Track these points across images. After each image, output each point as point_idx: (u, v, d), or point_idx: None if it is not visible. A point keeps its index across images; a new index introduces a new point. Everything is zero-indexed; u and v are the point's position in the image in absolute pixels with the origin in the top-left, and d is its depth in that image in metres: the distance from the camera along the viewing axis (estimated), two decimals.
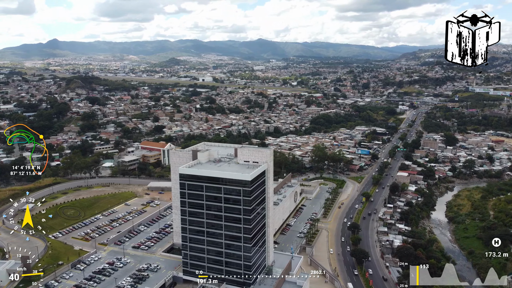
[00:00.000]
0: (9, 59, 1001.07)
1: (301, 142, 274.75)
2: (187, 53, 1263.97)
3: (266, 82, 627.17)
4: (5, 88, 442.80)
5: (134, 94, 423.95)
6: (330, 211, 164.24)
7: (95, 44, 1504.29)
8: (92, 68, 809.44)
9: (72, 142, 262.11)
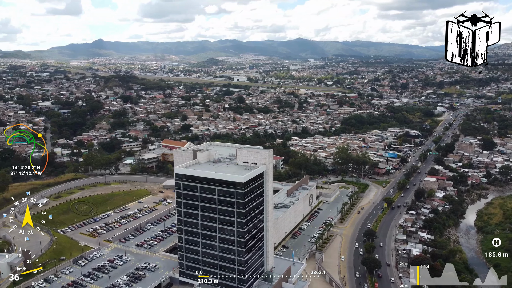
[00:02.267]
0: (56, 58, 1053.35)
1: (328, 143, 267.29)
2: (226, 53, 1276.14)
3: (301, 81, 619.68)
4: (47, 86, 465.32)
5: (167, 93, 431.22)
6: (348, 216, 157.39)
7: (138, 44, 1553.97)
8: (134, 68, 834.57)
9: (102, 139, 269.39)
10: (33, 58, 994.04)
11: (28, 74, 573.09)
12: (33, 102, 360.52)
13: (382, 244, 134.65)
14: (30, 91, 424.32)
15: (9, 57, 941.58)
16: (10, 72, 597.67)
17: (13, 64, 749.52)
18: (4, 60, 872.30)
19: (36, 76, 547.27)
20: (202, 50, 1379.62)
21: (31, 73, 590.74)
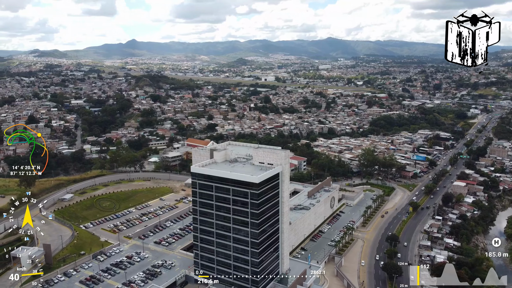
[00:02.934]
0: (91, 58, 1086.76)
1: (354, 145, 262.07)
2: (255, 53, 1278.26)
3: (330, 81, 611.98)
4: (80, 85, 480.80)
5: (195, 93, 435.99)
6: (371, 219, 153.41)
7: (170, 44, 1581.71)
8: (165, 68, 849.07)
9: (130, 136, 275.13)
10: (69, 58, 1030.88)
11: (63, 73, 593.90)
12: (66, 100, 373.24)
13: (404, 248, 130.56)
14: (64, 90, 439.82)
15: (46, 56, 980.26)
16: (46, 71, 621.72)
17: (50, 63, 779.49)
18: (41, 59, 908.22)
19: (70, 75, 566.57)
20: (232, 50, 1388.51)
21: (66, 72, 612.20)
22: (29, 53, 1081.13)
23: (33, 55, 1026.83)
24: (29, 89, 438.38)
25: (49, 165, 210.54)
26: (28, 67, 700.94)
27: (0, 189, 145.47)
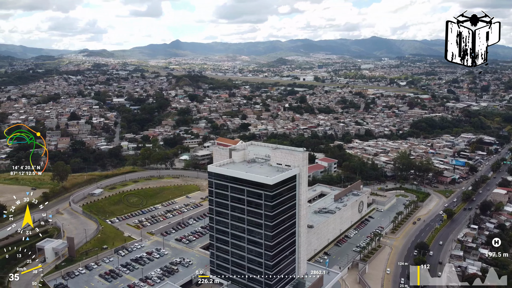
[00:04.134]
0: (137, 58, 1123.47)
1: (391, 148, 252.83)
2: (296, 52, 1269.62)
3: (372, 81, 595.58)
4: (124, 84, 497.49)
5: (232, 93, 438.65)
6: (401, 226, 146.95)
7: (213, 45, 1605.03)
8: (206, 68, 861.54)
9: (166, 134, 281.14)
10: (116, 57, 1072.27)
11: (109, 72, 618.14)
12: (108, 98, 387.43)
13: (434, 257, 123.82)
14: (107, 88, 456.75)
15: (94, 56, 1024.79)
16: (93, 70, 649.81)
17: (97, 62, 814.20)
18: (90, 58, 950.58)
19: (115, 74, 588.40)
20: (272, 50, 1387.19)
21: (111, 71, 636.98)
22: (79, 53, 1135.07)
23: (82, 54, 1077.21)
24: (75, 87, 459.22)
25: (87, 160, 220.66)
26: (77, 66, 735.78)
27: (35, 182, 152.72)
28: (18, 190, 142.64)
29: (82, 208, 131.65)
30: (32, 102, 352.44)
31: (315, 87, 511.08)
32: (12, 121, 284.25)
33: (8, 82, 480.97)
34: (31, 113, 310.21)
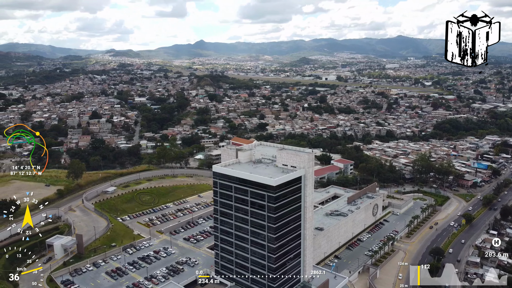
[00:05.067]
0: (161, 58, 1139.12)
1: (411, 149, 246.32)
2: (320, 52, 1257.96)
3: (396, 81, 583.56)
4: (147, 83, 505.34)
5: (251, 93, 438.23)
6: (417, 230, 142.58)
7: (236, 45, 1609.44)
8: (229, 68, 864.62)
9: (185, 134, 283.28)
10: (141, 57, 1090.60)
11: (133, 72, 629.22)
12: (130, 98, 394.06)
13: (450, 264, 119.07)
14: (130, 87, 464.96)
15: (120, 56, 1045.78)
16: (118, 70, 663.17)
17: (123, 62, 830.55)
18: (116, 58, 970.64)
19: (139, 74, 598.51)
20: (296, 50, 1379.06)
21: (136, 71, 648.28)
22: (105, 53, 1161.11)
23: (109, 54, 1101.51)
24: (99, 86, 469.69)
25: (106, 158, 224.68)
26: (103, 65, 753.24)
27: (51, 179, 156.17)
28: (35, 186, 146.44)
29: (94, 206, 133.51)
30: (56, 101, 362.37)
31: (337, 87, 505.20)
32: (35, 119, 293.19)
33: (35, 81, 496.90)
34: (54, 112, 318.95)
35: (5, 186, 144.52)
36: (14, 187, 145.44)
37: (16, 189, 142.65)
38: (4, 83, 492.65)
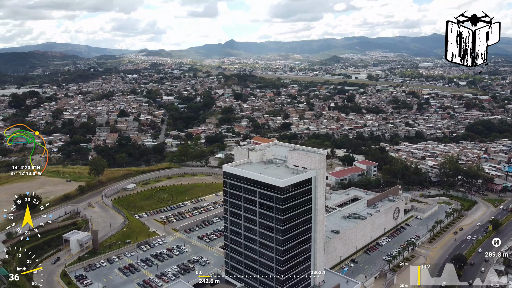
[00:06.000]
0: (192, 57, 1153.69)
1: (440, 151, 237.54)
2: (351, 50, 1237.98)
3: (429, 80, 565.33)
4: (176, 82, 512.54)
5: (277, 92, 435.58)
6: (440, 236, 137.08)
7: (266, 44, 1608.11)
8: (257, 67, 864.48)
9: (209, 132, 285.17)
10: (173, 57, 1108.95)
11: (164, 71, 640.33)
12: (159, 96, 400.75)
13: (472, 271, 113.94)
14: (160, 87, 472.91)
15: (152, 56, 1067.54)
16: (150, 69, 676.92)
17: (155, 62, 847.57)
18: (148, 58, 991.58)
19: (169, 74, 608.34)
20: (327, 48, 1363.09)
21: (166, 70, 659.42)
22: (138, 52, 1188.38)
23: (141, 54, 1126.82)
24: (130, 85, 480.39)
25: (132, 155, 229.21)
26: (136, 65, 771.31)
27: (74, 175, 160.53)
28: (58, 182, 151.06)
29: (113, 202, 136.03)
30: (87, 99, 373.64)
31: (367, 86, 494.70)
32: (66, 117, 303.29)
33: (69, 80, 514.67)
34: (84, 109, 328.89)
35: (29, 181, 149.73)
36: (39, 182, 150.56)
37: (39, 184, 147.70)
38: (40, 81, 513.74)
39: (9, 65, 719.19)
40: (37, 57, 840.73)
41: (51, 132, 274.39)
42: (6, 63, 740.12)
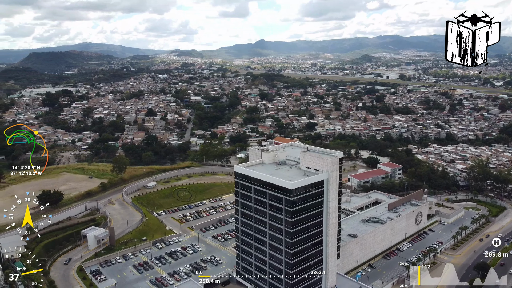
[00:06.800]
0: (223, 57, 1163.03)
1: (471, 154, 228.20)
2: (384, 49, 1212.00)
3: (463, 80, 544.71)
4: (204, 82, 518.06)
5: (305, 91, 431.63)
6: (465, 242, 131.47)
7: (296, 43, 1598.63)
8: (287, 67, 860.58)
9: (233, 132, 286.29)
10: (203, 57, 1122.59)
11: (193, 71, 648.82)
12: (186, 96, 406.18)
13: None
14: (188, 86, 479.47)
15: (184, 56, 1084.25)
16: (181, 69, 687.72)
17: (186, 62, 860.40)
18: (180, 58, 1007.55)
19: (198, 73, 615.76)
20: (358, 47, 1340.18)
21: (196, 70, 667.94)
22: (170, 52, 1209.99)
23: (173, 54, 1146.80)
24: (160, 85, 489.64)
25: (158, 154, 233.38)
26: (167, 65, 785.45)
27: (98, 172, 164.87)
28: (82, 179, 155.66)
29: (132, 200, 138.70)
30: (117, 98, 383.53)
31: (398, 86, 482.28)
32: (96, 115, 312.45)
33: (103, 79, 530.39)
34: (113, 108, 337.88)
35: (55, 178, 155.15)
36: (64, 179, 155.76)
37: (64, 180, 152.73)
38: (74, 80, 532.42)
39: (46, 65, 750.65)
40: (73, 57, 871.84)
41: (81, 130, 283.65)
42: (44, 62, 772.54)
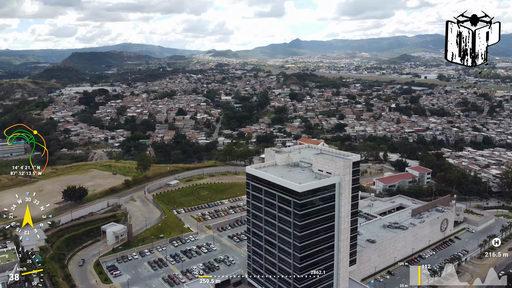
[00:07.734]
0: (257, 57, 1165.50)
1: (508, 159, 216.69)
2: (424, 48, 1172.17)
3: (506, 82, 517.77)
4: (236, 82, 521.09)
5: (337, 91, 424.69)
6: (492, 251, 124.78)
7: (332, 42, 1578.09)
8: (321, 66, 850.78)
9: (261, 132, 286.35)
10: (238, 57, 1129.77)
11: (227, 71, 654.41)
12: (217, 96, 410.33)
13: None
14: (220, 86, 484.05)
15: (219, 56, 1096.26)
16: (215, 69, 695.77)
17: (221, 62, 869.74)
18: (215, 58, 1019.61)
19: (231, 73, 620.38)
20: (397, 46, 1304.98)
21: (230, 70, 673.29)
22: (206, 53, 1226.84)
23: (209, 54, 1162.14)
24: (193, 85, 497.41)
25: (186, 152, 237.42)
26: (202, 65, 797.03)
27: (124, 169, 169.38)
28: (108, 176, 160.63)
29: (153, 198, 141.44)
30: (150, 98, 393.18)
31: (436, 87, 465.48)
32: (129, 114, 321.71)
33: (139, 79, 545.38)
34: (146, 107, 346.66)
35: (83, 174, 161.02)
36: (91, 175, 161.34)
37: (91, 177, 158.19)
38: (112, 80, 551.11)
39: (87, 64, 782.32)
40: (113, 57, 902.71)
41: (114, 128, 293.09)
42: (85, 62, 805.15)
